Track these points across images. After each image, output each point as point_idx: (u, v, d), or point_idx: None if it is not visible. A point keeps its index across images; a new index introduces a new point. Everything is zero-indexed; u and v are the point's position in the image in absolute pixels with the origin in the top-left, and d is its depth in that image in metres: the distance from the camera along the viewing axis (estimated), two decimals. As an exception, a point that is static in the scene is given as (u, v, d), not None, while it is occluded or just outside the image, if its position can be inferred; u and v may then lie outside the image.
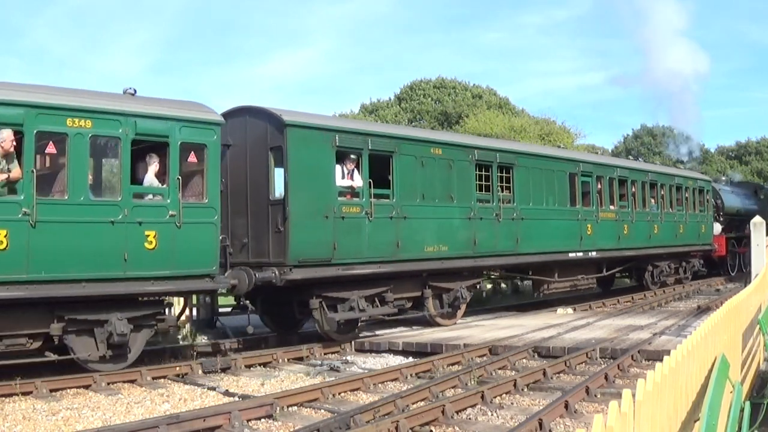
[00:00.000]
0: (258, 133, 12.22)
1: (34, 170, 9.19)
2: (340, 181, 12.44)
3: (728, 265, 28.79)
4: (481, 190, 14.93)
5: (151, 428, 7.01)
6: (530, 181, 16.22)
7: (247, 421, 7.65)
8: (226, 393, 9.30)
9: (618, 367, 9.97)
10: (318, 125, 12.40)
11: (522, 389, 9.12)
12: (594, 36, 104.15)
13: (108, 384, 9.75)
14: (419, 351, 12.10)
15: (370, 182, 12.70)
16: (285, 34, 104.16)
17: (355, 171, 12.72)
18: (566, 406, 7.70)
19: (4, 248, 8.86)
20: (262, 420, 7.83)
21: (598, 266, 19.85)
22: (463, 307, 15.04)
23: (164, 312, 10.82)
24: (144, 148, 10.53)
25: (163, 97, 10.95)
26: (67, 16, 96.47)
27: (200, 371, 10.67)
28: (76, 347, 9.81)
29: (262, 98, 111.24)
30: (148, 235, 9.99)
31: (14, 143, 9.20)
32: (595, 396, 8.46)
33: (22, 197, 9.08)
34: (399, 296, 13.50)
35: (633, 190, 20.54)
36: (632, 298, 20.84)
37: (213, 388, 9.57)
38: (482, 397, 8.35)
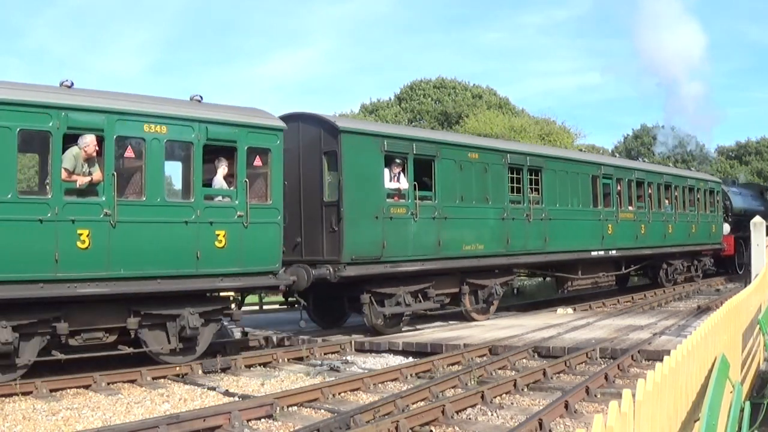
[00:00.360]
0: (311, 138, 12.89)
1: (115, 173, 9.78)
2: (388, 184, 13.23)
3: (736, 264, 29.27)
4: (513, 192, 15.75)
5: (151, 428, 7.01)
6: (557, 184, 17.09)
7: (247, 421, 7.65)
8: (226, 393, 9.30)
9: (618, 367, 9.97)
10: (369, 131, 13.48)
11: (522, 389, 9.12)
12: (594, 36, 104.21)
13: (108, 384, 9.76)
14: (419, 351, 12.10)
15: (414, 185, 13.51)
16: (285, 34, 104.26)
17: (401, 174, 13.48)
18: (566, 406, 7.70)
19: (87, 247, 9.46)
20: (262, 420, 7.83)
21: (617, 264, 20.75)
22: (496, 303, 15.88)
23: (230, 307, 11.45)
24: (213, 152, 11.02)
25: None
26: (67, 16, 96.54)
27: (200, 371, 10.67)
28: (149, 341, 10.43)
29: (262, 98, 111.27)
30: (218, 235, 10.66)
31: (96, 148, 9.73)
32: (595, 396, 8.46)
33: (104, 199, 9.71)
34: (439, 292, 14.32)
35: (649, 191, 21.42)
36: (632, 298, 20.85)
37: (213, 388, 9.56)
38: (482, 397, 8.35)
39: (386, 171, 13.18)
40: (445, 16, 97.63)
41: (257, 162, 11.30)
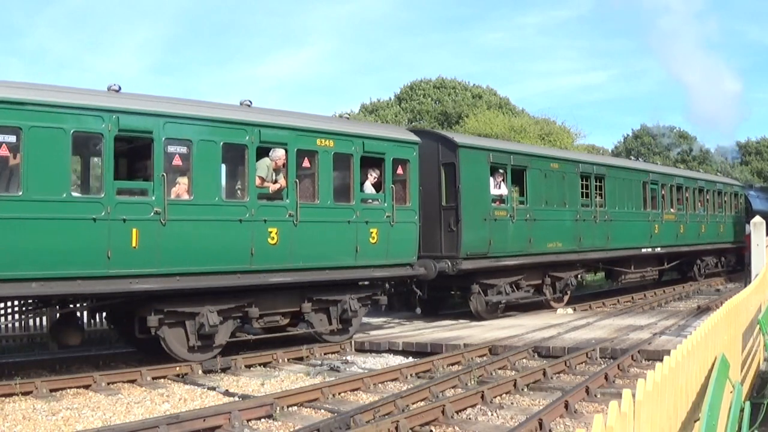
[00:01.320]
0: (430, 151, 14.84)
1: (297, 180, 11.50)
2: (493, 190, 15.53)
3: None
4: (583, 196, 18.25)
5: (151, 428, 7.01)
6: (616, 189, 19.71)
7: (247, 421, 7.65)
8: (226, 393, 9.30)
9: (618, 367, 9.97)
10: (479, 146, 15.78)
11: (522, 389, 9.12)
12: (594, 36, 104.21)
13: (108, 384, 9.76)
14: (419, 351, 12.10)
15: (513, 191, 16.07)
16: (285, 34, 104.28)
17: (502, 182, 15.79)
18: (566, 406, 7.70)
19: (275, 243, 11.20)
20: (262, 420, 7.83)
21: (660, 260, 23.31)
22: (570, 293, 18.43)
23: (378, 293, 13.41)
24: (366, 162, 12.90)
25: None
26: (67, 16, 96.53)
27: (200, 371, 10.67)
28: (315, 323, 12.35)
29: (262, 98, 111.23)
30: (372, 232, 12.62)
31: (284, 160, 11.45)
32: (595, 396, 8.46)
33: (288, 202, 11.46)
34: (528, 283, 16.83)
35: (687, 195, 24.39)
36: (632, 298, 20.87)
37: (213, 388, 9.57)
38: (482, 397, 8.36)
39: (491, 179, 15.48)
40: (445, 16, 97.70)
41: (399, 171, 13.34)
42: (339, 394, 9.05)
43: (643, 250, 21.14)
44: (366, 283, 13.12)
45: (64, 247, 9.20)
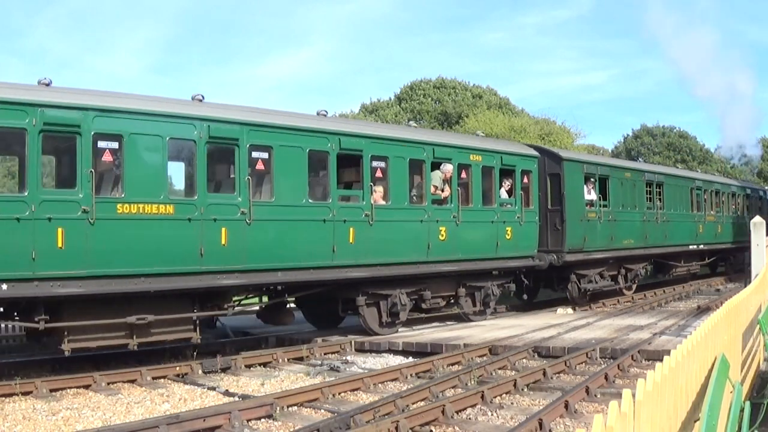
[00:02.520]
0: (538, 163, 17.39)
1: (459, 189, 14.43)
2: (586, 196, 18.32)
3: None
4: (647, 201, 21.43)
5: (151, 428, 7.01)
6: (671, 194, 23.04)
7: (247, 421, 7.65)
8: (226, 393, 9.30)
9: (618, 367, 9.97)
10: (577, 159, 19.06)
11: (522, 389, 9.12)
12: (594, 36, 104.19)
13: (108, 384, 9.76)
14: (419, 351, 12.10)
15: (599, 197, 18.84)
16: (285, 34, 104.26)
17: (592, 189, 18.61)
18: (566, 406, 7.70)
19: (444, 239, 14.05)
20: (262, 420, 7.82)
21: (702, 255, 26.52)
22: (637, 283, 21.70)
23: (510, 281, 16.32)
24: (501, 173, 15.74)
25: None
26: (68, 16, 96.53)
27: (200, 371, 10.67)
28: (464, 305, 15.19)
29: (262, 98, 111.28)
30: (507, 230, 15.50)
31: (451, 173, 14.22)
32: (595, 396, 8.46)
33: (452, 206, 14.30)
34: (609, 274, 19.87)
35: (723, 198, 27.79)
36: (632, 298, 20.88)
37: (213, 388, 9.56)
38: (482, 397, 8.35)
39: (585, 187, 18.24)
40: (445, 16, 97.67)
41: (525, 180, 16.22)
42: (339, 394, 9.04)
43: (691, 247, 24.49)
44: (495, 273, 15.78)
45: (304, 244, 11.73)
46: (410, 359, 11.62)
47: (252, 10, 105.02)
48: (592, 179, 18.61)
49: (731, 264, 29.04)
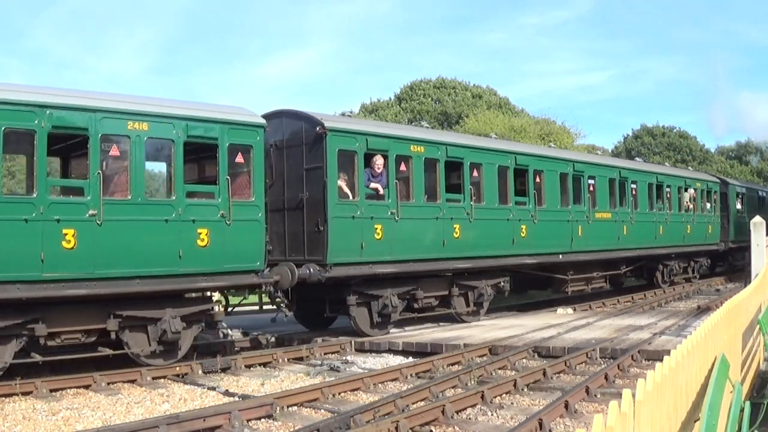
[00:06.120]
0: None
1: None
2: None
3: None
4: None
5: (151, 428, 7.01)
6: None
7: (247, 421, 7.65)
8: (226, 393, 9.29)
9: (618, 367, 9.96)
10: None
11: (522, 389, 9.12)
12: (594, 36, 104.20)
13: (108, 384, 9.76)
14: (419, 351, 12.09)
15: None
16: (285, 34, 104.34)
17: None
18: (566, 406, 7.70)
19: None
20: (262, 420, 7.82)
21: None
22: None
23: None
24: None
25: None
26: (68, 16, 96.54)
27: (200, 371, 10.67)
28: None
29: (262, 98, 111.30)
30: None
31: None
32: (595, 396, 8.46)
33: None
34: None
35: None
36: (632, 298, 20.89)
37: (213, 388, 9.56)
38: (482, 397, 8.35)
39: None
40: (445, 16, 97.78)
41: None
42: (339, 394, 9.04)
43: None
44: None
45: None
46: (410, 359, 11.61)
47: (252, 11, 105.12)
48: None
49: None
